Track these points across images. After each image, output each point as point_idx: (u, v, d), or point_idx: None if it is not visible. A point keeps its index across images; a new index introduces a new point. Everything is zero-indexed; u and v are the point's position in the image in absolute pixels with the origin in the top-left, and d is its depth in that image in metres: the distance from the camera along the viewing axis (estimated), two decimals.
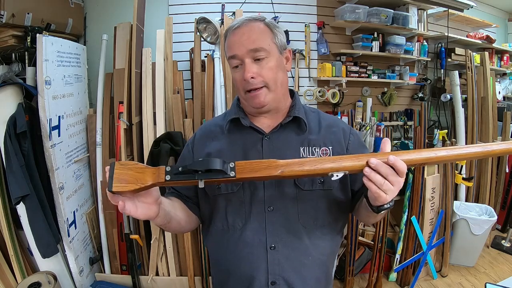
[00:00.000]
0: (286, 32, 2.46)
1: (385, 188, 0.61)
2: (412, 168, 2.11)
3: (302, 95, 2.59)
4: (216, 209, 0.82)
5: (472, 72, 2.73)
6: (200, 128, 0.94)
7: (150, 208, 0.65)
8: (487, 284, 1.20)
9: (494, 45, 3.23)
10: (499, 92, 3.19)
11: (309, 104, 2.58)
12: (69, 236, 1.82)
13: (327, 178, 0.79)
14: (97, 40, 2.21)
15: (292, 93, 0.89)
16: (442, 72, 2.97)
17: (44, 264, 1.73)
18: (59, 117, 1.79)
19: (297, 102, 0.86)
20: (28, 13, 1.74)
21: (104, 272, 2.12)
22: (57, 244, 1.78)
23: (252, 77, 0.76)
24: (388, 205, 0.66)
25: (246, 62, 0.76)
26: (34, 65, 1.72)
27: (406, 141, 2.76)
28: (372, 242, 2.20)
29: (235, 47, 0.77)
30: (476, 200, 2.73)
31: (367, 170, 0.61)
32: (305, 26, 2.55)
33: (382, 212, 0.67)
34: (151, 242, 1.98)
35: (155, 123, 1.98)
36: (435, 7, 2.79)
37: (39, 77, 1.64)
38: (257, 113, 0.84)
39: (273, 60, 0.79)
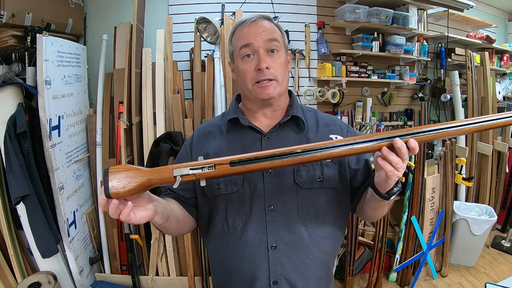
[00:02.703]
0: (286, 32, 2.46)
1: (399, 166, 0.62)
2: (412, 167, 2.11)
3: (302, 95, 2.59)
4: (215, 210, 0.82)
5: (472, 72, 2.73)
6: (198, 128, 0.94)
7: (147, 208, 0.65)
8: (487, 284, 1.20)
9: (494, 45, 3.23)
10: (499, 92, 3.19)
11: (309, 104, 2.58)
12: (69, 236, 1.82)
13: (326, 176, 0.80)
14: (97, 40, 2.21)
15: (289, 93, 0.90)
16: (442, 72, 2.97)
17: (44, 264, 1.73)
18: (59, 117, 1.79)
19: (294, 101, 0.87)
20: (28, 13, 1.74)
21: (104, 272, 2.12)
22: (57, 244, 1.78)
23: (267, 67, 0.77)
24: (397, 188, 0.67)
25: (260, 53, 0.78)
26: (34, 65, 1.72)
27: None
28: (372, 242, 2.20)
29: (251, 37, 0.79)
30: (476, 200, 2.73)
31: (385, 151, 0.61)
32: (305, 26, 2.56)
33: (392, 198, 0.69)
34: (151, 242, 1.98)
35: (155, 123, 1.98)
36: (435, 7, 2.79)
37: (39, 77, 1.64)
38: (262, 107, 0.84)
39: (283, 56, 0.82)
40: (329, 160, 0.80)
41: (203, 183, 0.62)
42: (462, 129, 0.63)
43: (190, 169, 0.61)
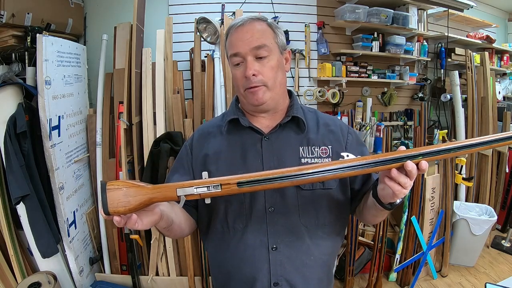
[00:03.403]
0: (286, 32, 2.46)
1: (407, 186, 0.61)
2: None
3: (302, 95, 2.59)
4: (215, 211, 0.82)
5: (472, 72, 2.73)
6: (198, 129, 0.94)
7: (154, 213, 0.64)
8: (487, 284, 1.20)
9: (494, 45, 3.23)
10: (499, 92, 3.19)
11: (309, 104, 2.58)
12: (69, 236, 1.82)
13: None
14: (97, 40, 2.21)
15: (290, 93, 0.90)
16: (442, 72, 2.97)
17: (44, 264, 1.73)
18: (59, 117, 1.79)
19: (295, 102, 0.87)
20: (28, 13, 1.74)
21: (104, 272, 2.12)
22: (57, 244, 1.78)
23: (253, 74, 0.76)
24: (400, 199, 0.67)
25: (248, 60, 0.77)
26: (34, 65, 1.72)
27: (406, 141, 2.76)
28: (372, 242, 2.20)
29: (238, 45, 0.77)
30: (476, 200, 2.73)
31: (394, 173, 0.61)
32: (305, 26, 2.55)
33: (394, 208, 0.69)
34: (151, 242, 1.98)
35: (155, 123, 1.98)
36: (435, 7, 2.79)
37: (39, 77, 1.64)
38: (256, 111, 0.84)
39: (274, 59, 0.79)
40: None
41: (207, 201, 0.61)
42: (474, 148, 0.62)
43: (195, 188, 0.59)
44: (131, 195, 0.57)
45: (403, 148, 0.63)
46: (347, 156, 0.63)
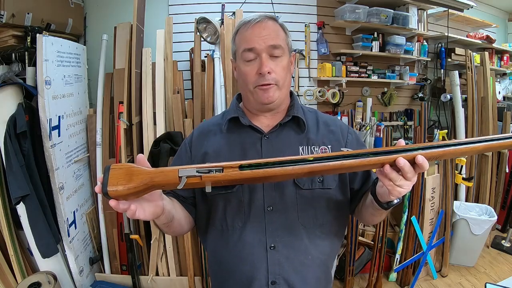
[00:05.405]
0: None
1: (400, 183, 0.59)
2: None
3: (302, 95, 2.59)
4: (214, 209, 0.82)
5: (472, 72, 2.72)
6: (197, 127, 0.94)
7: (157, 205, 0.64)
8: (487, 284, 1.20)
9: (494, 45, 3.23)
10: (499, 92, 3.19)
11: (309, 104, 2.58)
12: (69, 236, 1.82)
13: (326, 177, 0.80)
14: (97, 40, 2.21)
15: (290, 94, 0.90)
16: (442, 72, 2.97)
17: (44, 264, 1.73)
18: (59, 117, 1.79)
19: (295, 102, 0.87)
20: (28, 13, 1.74)
21: (104, 272, 2.12)
22: (57, 244, 1.78)
23: (268, 72, 0.76)
24: (397, 200, 0.66)
25: (263, 57, 0.77)
26: (34, 65, 1.72)
27: (406, 141, 2.76)
28: (372, 242, 2.20)
29: (254, 40, 0.77)
30: (476, 200, 2.73)
31: (387, 169, 0.58)
32: (305, 26, 2.56)
33: (390, 208, 0.68)
34: (151, 242, 1.98)
35: (155, 123, 1.98)
36: (435, 7, 2.79)
37: (39, 77, 1.64)
38: (261, 110, 0.84)
39: (286, 59, 0.80)
40: None
41: (208, 189, 0.60)
42: (477, 146, 0.59)
43: (197, 171, 0.58)
44: (133, 174, 0.57)
45: (402, 142, 0.61)
46: (347, 150, 0.62)
